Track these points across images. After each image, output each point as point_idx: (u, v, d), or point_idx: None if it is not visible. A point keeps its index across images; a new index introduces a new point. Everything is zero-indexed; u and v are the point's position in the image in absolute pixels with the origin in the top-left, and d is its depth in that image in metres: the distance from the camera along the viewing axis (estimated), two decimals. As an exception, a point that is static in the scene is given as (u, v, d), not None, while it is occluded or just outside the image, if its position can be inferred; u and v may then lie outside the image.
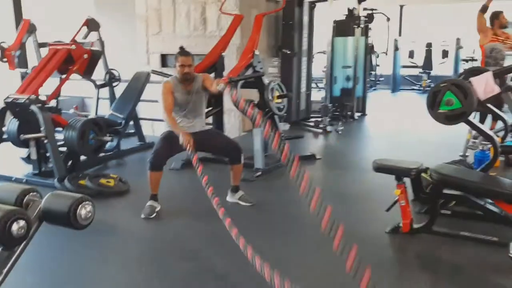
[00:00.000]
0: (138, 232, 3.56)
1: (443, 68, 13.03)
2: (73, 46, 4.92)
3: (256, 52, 4.96)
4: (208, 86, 3.79)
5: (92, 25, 6.20)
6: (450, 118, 3.30)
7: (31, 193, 1.78)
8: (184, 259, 3.01)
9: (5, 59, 6.24)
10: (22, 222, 1.56)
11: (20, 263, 2.96)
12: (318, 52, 11.32)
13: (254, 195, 4.11)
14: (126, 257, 3.14)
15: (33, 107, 4.38)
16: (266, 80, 5.06)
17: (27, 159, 4.81)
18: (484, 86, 3.45)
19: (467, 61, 11.94)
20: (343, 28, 8.44)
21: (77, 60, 4.93)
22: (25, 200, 1.75)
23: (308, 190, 1.81)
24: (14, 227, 1.53)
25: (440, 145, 6.22)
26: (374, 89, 13.56)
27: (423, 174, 3.50)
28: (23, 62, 6.68)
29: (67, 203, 1.63)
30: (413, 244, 3.21)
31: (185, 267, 2.90)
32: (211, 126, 3.98)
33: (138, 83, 5.85)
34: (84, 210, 1.65)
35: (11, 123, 4.72)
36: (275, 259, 3.02)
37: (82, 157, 4.96)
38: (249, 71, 4.93)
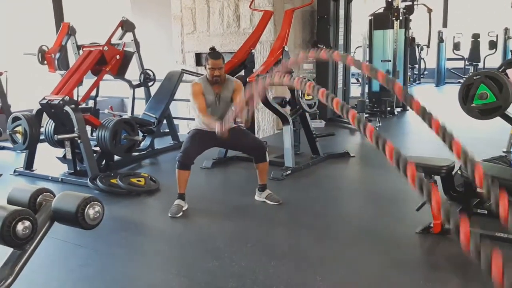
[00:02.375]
0: (164, 231, 3.58)
1: (491, 60, 12.44)
2: (105, 48, 5.02)
3: (286, 48, 4.88)
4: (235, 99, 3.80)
5: (127, 26, 6.30)
6: (484, 113, 3.12)
7: (44, 193, 1.82)
8: (207, 258, 2.99)
9: (45, 62, 6.45)
10: (27, 223, 1.58)
11: (44, 259, 3.05)
12: (359, 47, 11.11)
13: (282, 193, 4.05)
14: (151, 256, 3.17)
15: (67, 108, 4.49)
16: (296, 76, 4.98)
17: (63, 159, 4.94)
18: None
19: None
20: (381, 21, 8.23)
21: (109, 61, 5.03)
22: (38, 200, 1.78)
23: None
24: (19, 227, 1.55)
25: (484, 140, 5.93)
26: (418, 83, 13.16)
27: (458, 172, 3.34)
28: (64, 64, 6.89)
29: (75, 203, 1.64)
30: (444, 245, 3.06)
31: (207, 267, 2.87)
32: (237, 125, 3.95)
33: (171, 82, 5.90)
34: (92, 210, 1.65)
35: (48, 124, 4.87)
36: (301, 258, 2.99)
37: (116, 157, 5.07)
38: (279, 68, 4.85)
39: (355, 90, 9.77)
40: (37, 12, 8.38)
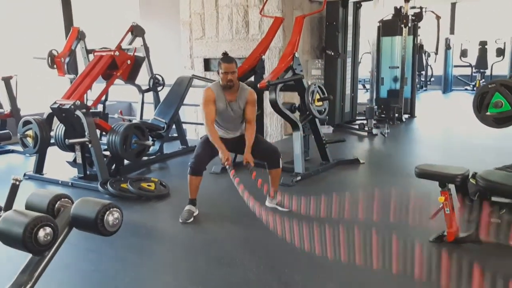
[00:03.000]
0: (175, 236, 3.57)
1: (498, 68, 12.42)
2: (117, 53, 5.03)
3: (296, 55, 4.88)
4: (247, 114, 3.83)
5: (137, 31, 6.33)
6: (498, 121, 3.11)
7: (62, 199, 1.81)
8: (220, 265, 2.98)
9: (55, 66, 6.48)
10: (48, 229, 1.57)
11: (56, 263, 3.04)
12: (366, 53, 11.11)
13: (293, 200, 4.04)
14: (163, 262, 3.15)
15: (78, 113, 4.50)
16: (306, 82, 4.98)
17: (73, 163, 4.95)
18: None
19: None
20: (390, 27, 8.24)
21: (120, 66, 5.05)
22: (56, 206, 1.78)
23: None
24: (41, 233, 1.55)
25: (493, 148, 5.92)
26: (425, 90, 13.16)
27: (471, 180, 3.31)
28: (72, 69, 6.93)
29: (94, 209, 1.64)
30: (458, 254, 3.03)
31: (220, 274, 2.86)
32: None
33: (181, 87, 5.92)
34: (112, 217, 1.65)
35: (58, 128, 4.88)
36: (314, 265, 2.97)
37: (126, 161, 5.07)
38: (289, 74, 4.85)
39: (362, 96, 9.76)
40: (46, 16, 8.42)
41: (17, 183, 1.75)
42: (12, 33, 8.20)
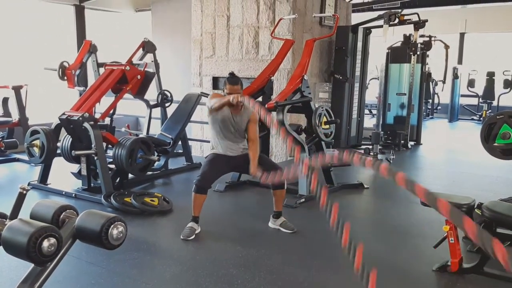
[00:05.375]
0: (176, 253, 3.55)
1: (505, 99, 12.43)
2: (127, 67, 5.08)
3: (305, 77, 4.91)
4: (249, 133, 3.85)
5: (148, 47, 6.40)
6: (506, 153, 3.10)
7: (67, 210, 1.81)
8: (220, 284, 2.95)
9: (65, 77, 6.54)
10: (52, 240, 1.57)
11: (56, 275, 3.02)
12: (373, 78, 11.17)
13: (296, 221, 4.02)
14: (162, 277, 3.13)
15: (86, 125, 4.53)
16: (313, 105, 5.00)
17: (78, 174, 4.96)
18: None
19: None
20: (398, 54, 8.28)
21: (130, 80, 5.09)
22: (61, 217, 1.77)
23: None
24: (45, 244, 1.54)
25: (498, 179, 5.89)
26: (431, 118, 13.16)
27: (476, 210, 3.29)
28: (82, 81, 6.99)
29: (99, 222, 1.64)
30: (461, 284, 3.00)
31: (219, 293, 2.84)
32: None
33: (189, 104, 5.95)
34: (116, 230, 1.65)
35: (65, 139, 4.91)
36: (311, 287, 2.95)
37: (130, 175, 5.07)
38: (297, 96, 4.88)
39: (368, 121, 9.77)
40: (59, 28, 8.54)
41: (24, 192, 1.75)
42: (24, 43, 8.31)
